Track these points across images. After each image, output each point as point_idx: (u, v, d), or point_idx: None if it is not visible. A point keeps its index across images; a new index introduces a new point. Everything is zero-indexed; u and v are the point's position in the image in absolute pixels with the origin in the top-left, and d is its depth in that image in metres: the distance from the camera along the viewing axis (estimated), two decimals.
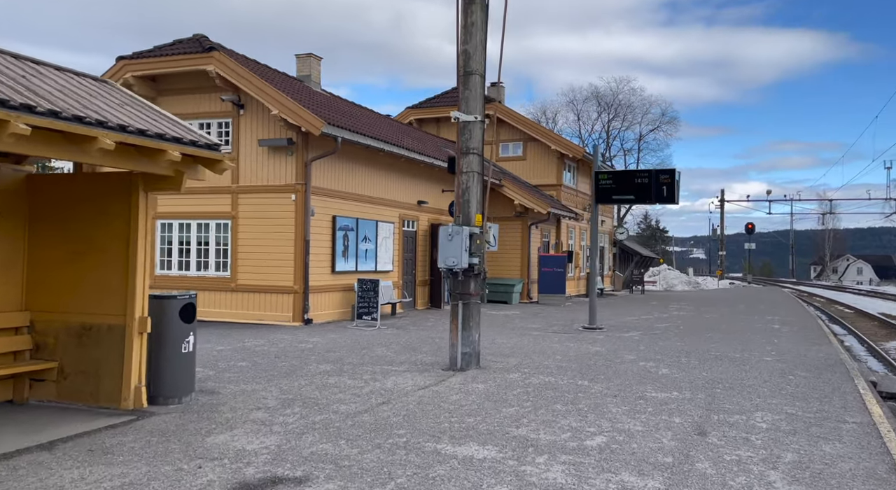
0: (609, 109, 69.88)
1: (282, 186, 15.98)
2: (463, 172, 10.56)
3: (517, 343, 13.82)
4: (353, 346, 12.68)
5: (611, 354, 12.51)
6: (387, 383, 9.12)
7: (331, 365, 10.45)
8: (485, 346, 13.05)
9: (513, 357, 11.85)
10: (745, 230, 65.08)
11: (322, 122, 14.94)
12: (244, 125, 16.32)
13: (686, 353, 12.87)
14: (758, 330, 17.75)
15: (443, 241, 10.23)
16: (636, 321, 19.62)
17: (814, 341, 15.54)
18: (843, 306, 36.66)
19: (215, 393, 8.21)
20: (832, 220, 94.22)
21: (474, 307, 10.50)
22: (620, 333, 16.24)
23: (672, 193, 16.33)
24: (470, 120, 10.46)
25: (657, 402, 8.42)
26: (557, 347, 13.27)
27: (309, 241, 15.87)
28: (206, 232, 16.66)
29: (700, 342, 14.73)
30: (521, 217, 26.34)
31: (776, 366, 11.63)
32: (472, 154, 10.50)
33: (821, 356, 13.13)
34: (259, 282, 16.10)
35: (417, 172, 21.34)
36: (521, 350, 12.76)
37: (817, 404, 8.58)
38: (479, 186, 10.63)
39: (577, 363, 11.34)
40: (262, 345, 12.40)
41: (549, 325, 17.80)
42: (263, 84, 15.33)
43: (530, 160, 30.83)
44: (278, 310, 15.96)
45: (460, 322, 10.40)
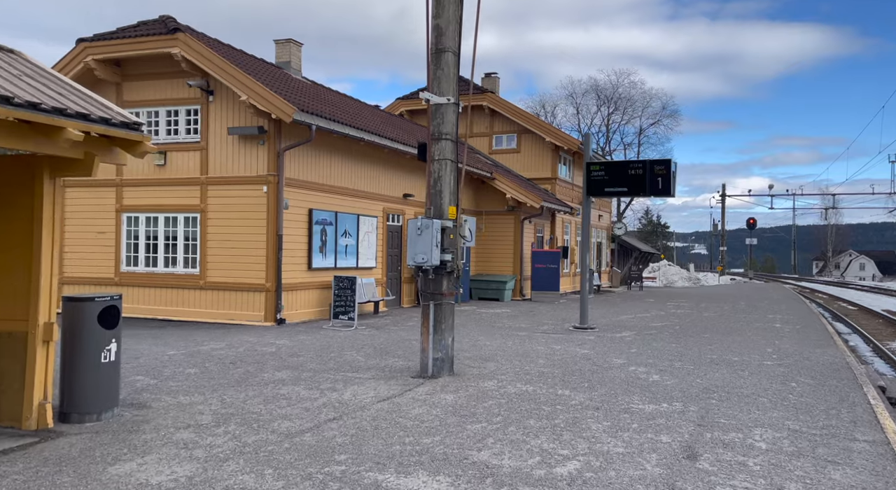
0: (609, 103, 68.89)
1: (253, 178, 15.05)
2: (435, 160, 9.64)
3: (500, 345, 12.91)
4: (321, 349, 11.78)
5: (599, 358, 11.60)
6: (345, 394, 8.21)
7: (289, 372, 9.54)
8: (465, 349, 12.14)
9: (492, 361, 10.94)
10: (747, 225, 64.09)
11: (293, 108, 14.00)
12: (214, 113, 15.39)
13: (680, 357, 11.96)
14: (758, 329, 16.83)
15: (411, 236, 9.32)
16: (631, 320, 18.71)
17: (817, 342, 14.62)
18: (847, 303, 35.75)
19: (146, 407, 7.30)
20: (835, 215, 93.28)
21: (447, 308, 9.58)
22: (612, 334, 15.32)
23: (668, 185, 15.41)
24: (442, 102, 9.53)
25: (644, 415, 7.51)
26: (542, 350, 12.36)
27: (282, 235, 14.96)
28: (174, 226, 15.74)
29: (696, 344, 13.82)
30: (513, 211, 25.40)
31: (777, 371, 10.72)
32: (444, 140, 9.58)
33: (825, 359, 12.22)
34: (229, 279, 15.19)
35: (403, 164, 20.41)
36: (503, 353, 11.86)
37: (823, 417, 7.67)
38: (452, 175, 9.71)
39: (561, 368, 10.43)
40: (221, 348, 11.49)
41: (538, 325, 16.89)
42: (231, 68, 14.39)
43: (524, 153, 29.87)
44: (249, 309, 15.05)
45: (431, 325, 9.49)
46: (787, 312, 22.79)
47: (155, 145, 15.78)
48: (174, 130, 15.70)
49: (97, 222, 16.35)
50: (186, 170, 15.59)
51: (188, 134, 15.59)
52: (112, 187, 16.17)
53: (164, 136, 15.80)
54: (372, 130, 17.46)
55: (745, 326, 17.52)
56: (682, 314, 20.99)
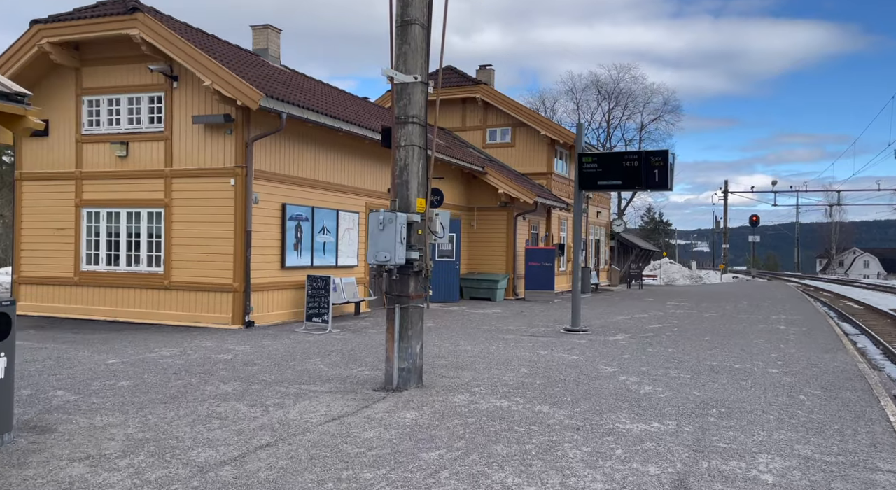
0: (610, 98, 67.79)
1: (220, 170, 14.03)
2: (401, 146, 8.62)
3: (483, 350, 11.90)
4: (283, 356, 10.76)
5: (588, 365, 10.57)
6: (291, 412, 7.19)
7: (237, 384, 8.52)
8: (443, 355, 11.12)
9: (469, 370, 9.92)
10: (750, 222, 62.93)
11: (260, 94, 12.97)
12: (179, 100, 14.36)
13: (677, 363, 10.93)
14: (762, 332, 15.80)
15: (372, 231, 8.29)
16: (627, 321, 17.68)
17: (825, 346, 13.59)
18: (852, 302, 34.68)
19: (49, 431, 6.28)
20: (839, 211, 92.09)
21: (414, 313, 8.56)
22: (606, 337, 14.30)
23: (665, 178, 14.37)
24: (408, 81, 8.50)
25: (631, 438, 6.49)
26: (527, 356, 11.34)
27: (251, 232, 13.94)
28: (136, 222, 14.72)
29: (695, 348, 12.79)
30: (506, 207, 24.36)
31: (783, 380, 9.69)
32: (411, 123, 8.55)
33: (835, 365, 11.19)
34: (195, 279, 14.17)
35: (388, 157, 19.36)
36: (483, 360, 10.83)
37: (838, 440, 6.65)
38: (421, 163, 8.68)
39: (543, 378, 9.40)
40: (171, 356, 10.47)
41: (528, 327, 15.87)
42: (195, 51, 13.36)
43: (519, 147, 28.82)
44: (216, 311, 14.03)
45: (397, 331, 8.47)
46: (792, 312, 21.75)
47: (117, 135, 14.82)
48: (137, 119, 14.68)
49: (56, 218, 15.34)
50: (150, 162, 14.57)
51: (151, 123, 14.57)
52: (71, 181, 15.15)
53: (126, 125, 14.77)
54: (351, 120, 16.42)
55: (747, 328, 16.49)
56: (681, 315, 19.96)
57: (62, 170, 15.18)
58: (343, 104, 18.98)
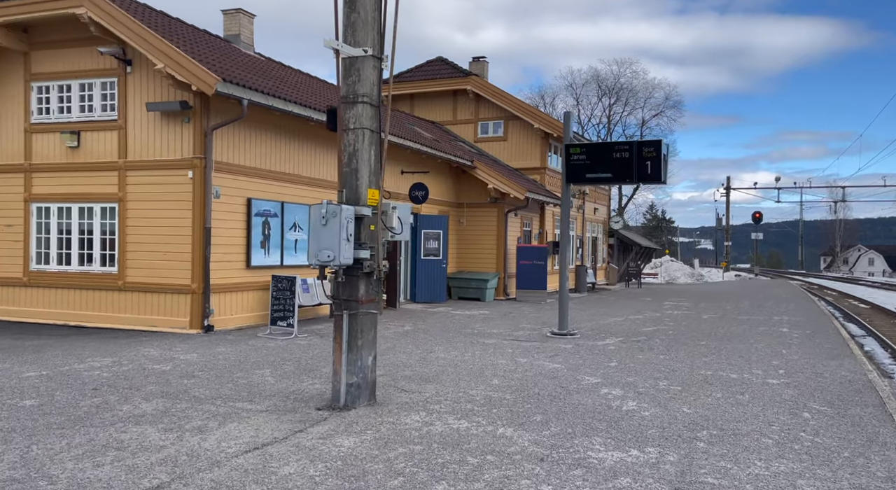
0: (610, 93, 66.67)
1: (177, 161, 12.99)
2: (349, 129, 7.57)
3: (457, 358, 10.86)
4: (232, 366, 9.72)
5: (568, 376, 9.53)
6: (209, 439, 6.15)
7: (161, 402, 7.48)
8: (410, 364, 10.09)
9: (435, 383, 8.88)
10: (752, 219, 61.79)
11: (216, 78, 11.93)
12: (133, 86, 13.32)
13: (668, 373, 9.88)
14: (762, 335, 14.74)
15: (314, 226, 7.25)
16: (619, 323, 16.62)
17: (831, 352, 12.53)
18: (857, 301, 33.57)
19: None
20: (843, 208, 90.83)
21: (365, 320, 7.52)
22: (594, 341, 13.25)
23: (658, 170, 13.31)
24: (357, 54, 7.45)
25: (603, 472, 5.45)
26: (504, 365, 10.30)
27: (210, 228, 12.90)
28: (89, 218, 13.69)
29: (689, 355, 11.74)
30: (496, 203, 23.31)
31: (785, 393, 8.64)
32: (361, 103, 7.50)
33: (842, 374, 10.14)
34: (151, 279, 13.14)
35: None
36: (454, 370, 9.80)
37: (849, 472, 5.61)
38: (373, 149, 7.64)
39: (516, 392, 8.36)
40: (102, 367, 9.42)
41: (513, 330, 14.83)
42: (145, 31, 12.31)
43: (512, 140, 27.75)
44: (172, 314, 13.00)
45: (345, 341, 7.42)
46: (795, 313, 20.67)
47: (68, 124, 13.78)
48: (89, 107, 13.64)
49: (3, 214, 14.32)
50: (103, 153, 13.53)
51: (104, 111, 13.53)
52: (20, 173, 14.12)
53: (78, 113, 13.72)
54: (325, 109, 15.36)
55: (747, 331, 15.42)
56: (678, 316, 18.90)
57: (10, 162, 14.17)
58: (320, 93, 17.92)
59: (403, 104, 29.07)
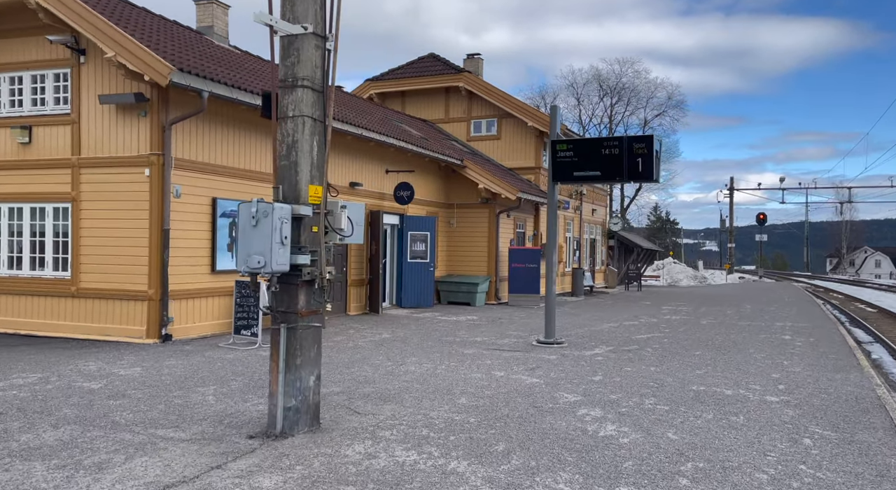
0: (612, 93, 65.69)
1: (132, 158, 12.11)
2: (288, 117, 6.67)
3: (428, 371, 9.95)
4: (173, 382, 8.83)
5: (545, 393, 8.61)
6: (103, 480, 5.23)
7: (71, 429, 6.57)
8: (374, 379, 9.18)
9: (395, 401, 7.97)
10: (756, 221, 60.70)
11: (169, 67, 11.04)
12: (87, 78, 12.45)
13: (657, 388, 8.96)
14: (763, 343, 13.80)
15: (243, 227, 6.36)
16: (612, 330, 15.69)
17: (836, 362, 11.59)
18: (864, 304, 32.55)
19: None
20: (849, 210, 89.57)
21: (306, 335, 6.61)
22: (581, 351, 12.33)
23: (649, 167, 12.39)
24: (296, 32, 6.55)
25: None
26: (477, 379, 9.38)
27: (169, 230, 12.01)
28: (41, 219, 12.82)
29: (682, 366, 10.81)
30: (487, 204, 22.39)
31: (784, 414, 7.72)
32: (301, 87, 6.60)
33: (848, 390, 9.21)
34: (106, 285, 12.26)
35: (350, 148, 17.46)
36: (420, 386, 8.89)
37: None
38: (316, 140, 6.74)
39: (482, 413, 7.45)
40: (25, 385, 8.51)
41: (498, 338, 13.92)
42: (95, 17, 11.44)
43: (505, 139, 26.84)
44: (128, 322, 12.12)
45: (282, 359, 6.52)
46: (799, 318, 19.70)
47: (19, 118, 12.92)
48: (41, 100, 12.76)
49: None
50: (55, 149, 12.66)
51: (57, 104, 12.65)
52: None
53: (30, 106, 12.84)
54: None
55: (747, 339, 14.48)
56: (675, 321, 17.95)
57: None
58: None
59: (394, 102, 28.20)
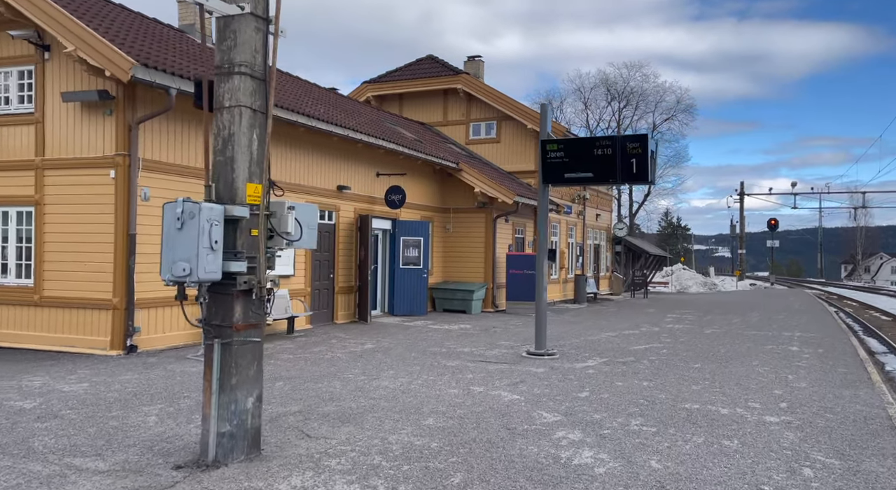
0: (620, 97, 64.85)
1: (97, 159, 11.49)
2: (224, 108, 6.00)
3: (400, 387, 9.25)
4: (117, 401, 8.15)
5: (524, 412, 7.89)
6: None
7: None
8: (339, 396, 8.47)
9: (353, 423, 7.26)
10: (768, 226, 59.66)
11: (131, 61, 10.41)
12: (51, 75, 11.85)
13: (647, 406, 8.21)
14: (768, 355, 13.00)
15: (167, 230, 5.68)
16: (610, 340, 14.92)
17: (845, 376, 10.79)
18: (879, 312, 31.53)
19: None
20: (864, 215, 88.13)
21: (243, 351, 5.92)
22: (573, 363, 11.59)
23: (644, 169, 11.66)
24: (232, 13, 5.88)
25: None
26: (452, 396, 8.66)
27: (135, 235, 11.37)
28: (4, 223, 12.21)
29: (678, 381, 10.05)
30: (484, 208, 21.67)
31: (784, 438, 6.95)
32: (238, 74, 5.93)
33: (857, 409, 8.44)
34: (69, 293, 11.62)
35: (339, 150, 16.83)
36: (386, 404, 8.18)
37: None
38: (255, 133, 6.07)
39: (446, 438, 6.73)
40: None
41: (487, 348, 13.20)
42: (56, 10, 10.84)
43: (505, 142, 26.12)
44: (92, 332, 11.47)
45: (215, 379, 5.82)
46: (809, 327, 18.85)
47: None
48: (4, 99, 12.17)
49: None
50: (18, 150, 12.05)
51: (21, 103, 12.05)
52: None
53: None
54: (280, 103, 13.83)
55: (752, 350, 13.68)
56: (678, 330, 17.16)
57: None
58: (286, 89, 16.42)
59: (392, 105, 27.56)
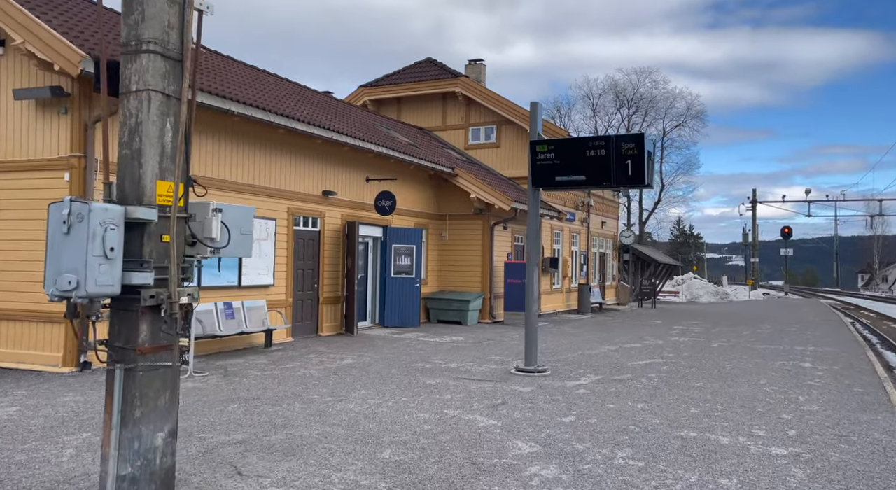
0: (629, 103, 63.87)
1: (51, 161, 10.69)
2: (131, 92, 5.15)
3: (366, 410, 8.36)
4: (39, 429, 7.30)
5: (497, 441, 6.97)
6: None
7: None
8: (295, 422, 7.59)
9: (297, 458, 6.37)
10: (781, 234, 58.43)
11: (81, 54, 9.62)
12: (5, 71, 11.08)
13: (638, 434, 7.27)
14: (778, 372, 12.02)
15: (53, 235, 4.81)
16: (609, 354, 13.97)
17: (862, 398, 9.80)
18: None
19: None
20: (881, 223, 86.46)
21: (150, 379, 5.04)
22: (564, 381, 10.67)
23: (640, 171, 10.75)
24: None
25: None
26: (420, 422, 7.76)
27: None
28: None
29: (677, 402, 9.11)
30: (481, 215, 20.79)
31: (791, 476, 6.01)
32: (147, 53, 5.08)
33: (875, 438, 7.47)
34: (20, 305, 10.81)
35: (325, 153, 16.03)
36: (343, 432, 7.29)
37: None
38: (168, 122, 5.21)
39: (399, 476, 5.83)
40: None
41: (476, 364, 12.30)
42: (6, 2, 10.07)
43: (505, 147, 25.26)
44: (44, 347, 10.64)
45: (116, 411, 4.95)
46: (823, 341, 17.82)
47: None
48: None
49: None
50: None
51: None
52: None
53: None
54: (256, 104, 13.03)
55: (760, 366, 12.70)
56: (683, 344, 16.17)
57: None
58: (264, 88, 15.63)
59: (390, 109, 26.76)
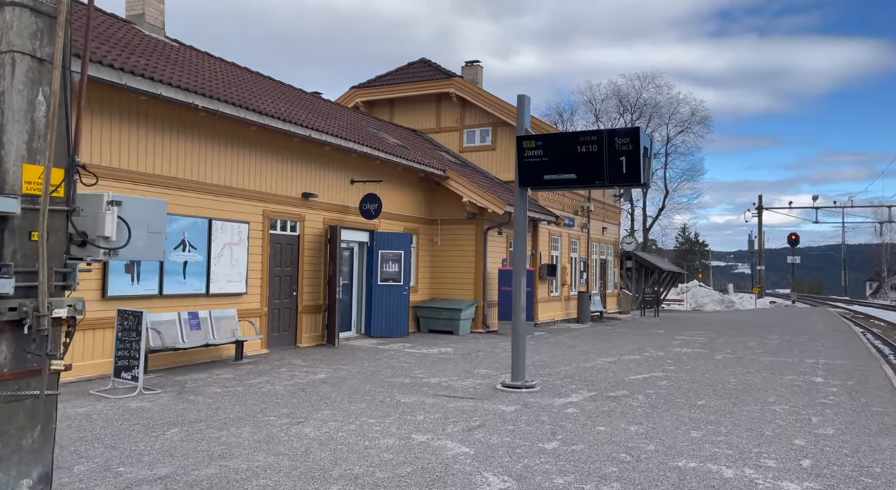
0: (632, 109, 62.95)
1: None
2: None
3: (322, 436, 7.40)
4: None
5: (464, 474, 6.00)
6: None
7: None
8: (237, 451, 6.63)
9: None
10: (788, 241, 57.31)
11: None
12: None
13: (628, 464, 6.28)
14: (788, 388, 11.01)
15: None
16: (604, 368, 12.97)
17: (883, 419, 8.79)
18: None
19: None
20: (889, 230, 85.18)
21: (13, 411, 4.08)
22: (553, 398, 9.69)
23: (636, 168, 9.79)
24: None
25: None
26: (381, 449, 6.79)
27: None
28: None
29: (676, 423, 8.12)
30: (474, 219, 19.83)
31: None
32: (11, 5, 4.13)
33: None
34: None
35: (305, 154, 15.14)
36: (287, 464, 6.33)
37: None
38: (41, 92, 4.27)
39: None
40: None
41: (460, 378, 11.34)
42: None
43: (501, 150, 24.31)
44: None
45: None
46: (835, 353, 16.77)
47: None
48: None
49: None
50: None
51: None
52: None
53: None
54: (222, 98, 12.11)
55: (768, 381, 11.69)
56: (685, 356, 15.15)
57: None
58: (239, 84, 14.73)
59: (383, 111, 25.87)
